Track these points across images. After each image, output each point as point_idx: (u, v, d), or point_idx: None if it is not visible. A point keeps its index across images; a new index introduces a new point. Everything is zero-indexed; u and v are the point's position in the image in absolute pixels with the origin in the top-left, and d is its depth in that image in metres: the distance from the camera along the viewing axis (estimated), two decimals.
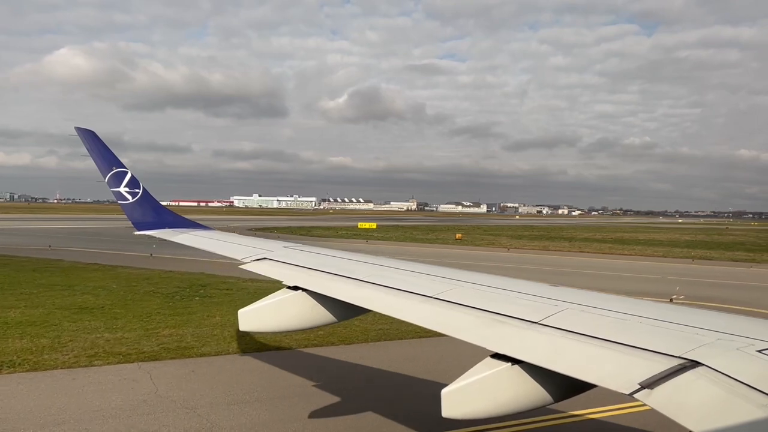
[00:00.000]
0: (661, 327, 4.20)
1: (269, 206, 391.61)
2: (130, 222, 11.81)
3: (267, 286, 27.63)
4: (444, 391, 4.22)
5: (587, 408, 11.62)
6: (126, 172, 11.46)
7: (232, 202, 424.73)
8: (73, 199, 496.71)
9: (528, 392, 4.22)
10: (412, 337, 18.03)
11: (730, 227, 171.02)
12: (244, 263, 8.17)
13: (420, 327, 5.24)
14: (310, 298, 6.43)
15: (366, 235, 76.02)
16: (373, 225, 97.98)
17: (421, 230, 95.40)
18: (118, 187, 11.39)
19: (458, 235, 72.83)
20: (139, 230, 11.65)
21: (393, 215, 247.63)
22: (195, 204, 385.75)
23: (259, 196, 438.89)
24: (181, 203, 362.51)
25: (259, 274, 7.63)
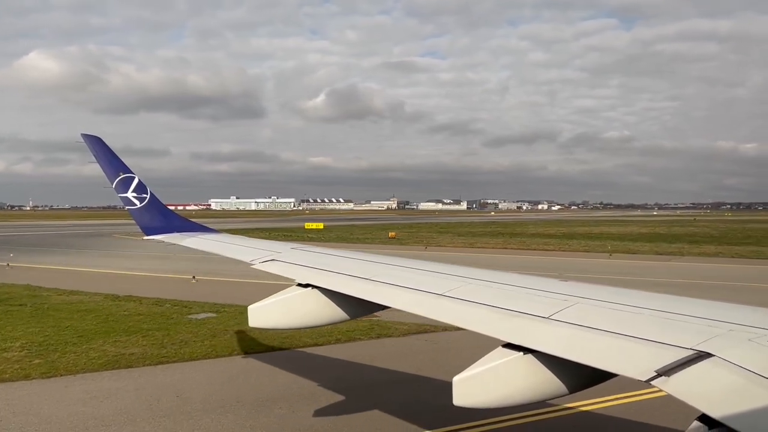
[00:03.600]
0: (673, 319, 4.23)
1: (247, 208, 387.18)
2: (138, 227, 11.58)
3: (73, 299, 24.35)
4: (455, 379, 4.16)
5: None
6: (133, 178, 11.37)
7: (210, 204, 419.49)
8: (51, 206, 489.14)
9: (542, 382, 4.19)
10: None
11: (698, 218, 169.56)
12: (252, 265, 8.27)
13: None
14: (322, 295, 6.44)
15: (301, 236, 72.94)
16: (321, 225, 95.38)
17: (369, 229, 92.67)
18: (126, 192, 11.28)
19: (391, 234, 70.60)
20: (148, 235, 11.52)
21: (371, 214, 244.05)
22: (172, 208, 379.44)
23: (237, 198, 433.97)
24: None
25: (271, 273, 7.71)
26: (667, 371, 3.42)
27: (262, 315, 6.45)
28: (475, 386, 4.21)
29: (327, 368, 14.77)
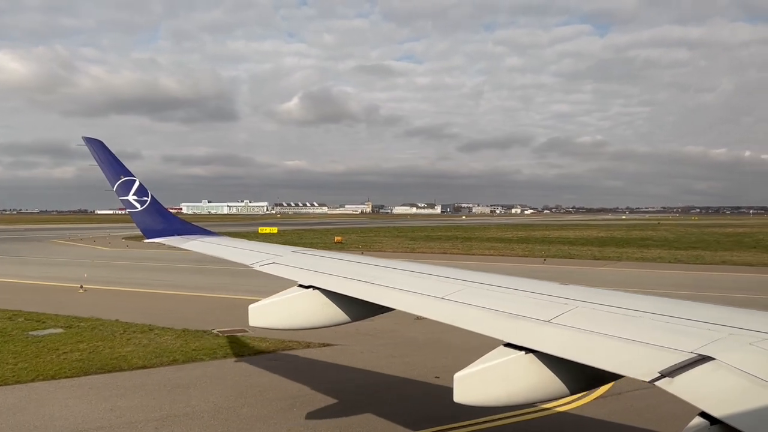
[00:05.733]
0: (673, 323, 4.23)
1: (219, 212, 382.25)
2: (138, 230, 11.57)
3: None
4: (457, 376, 4.18)
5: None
6: (134, 181, 11.30)
7: (181, 208, 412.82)
8: (19, 210, 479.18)
9: (543, 382, 4.19)
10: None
11: (662, 222, 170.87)
12: (253, 268, 8.28)
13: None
14: (324, 296, 6.50)
15: (251, 240, 70.70)
16: (275, 230, 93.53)
17: (321, 234, 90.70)
18: (127, 195, 11.22)
19: (337, 239, 69.07)
20: (149, 238, 11.44)
21: (343, 218, 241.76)
22: None
23: (209, 201, 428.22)
24: (128, 211, 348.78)
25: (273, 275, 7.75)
26: (671, 372, 3.47)
27: (263, 314, 6.43)
28: (476, 384, 4.21)
29: (125, 398, 12.80)
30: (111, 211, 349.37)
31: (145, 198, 11.40)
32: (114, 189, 11.21)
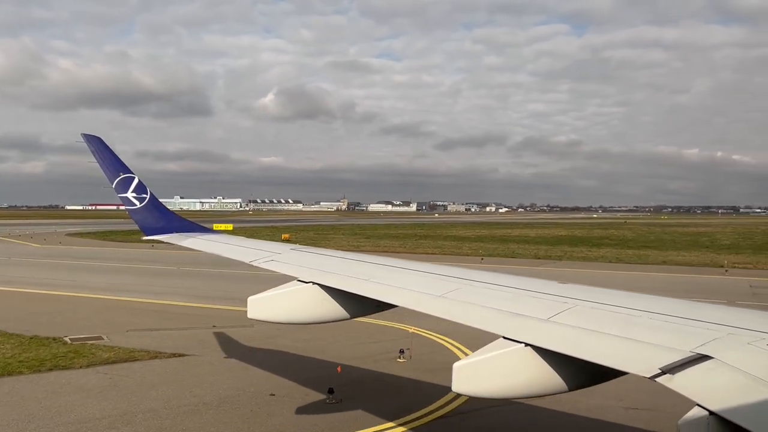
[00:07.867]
0: (671, 322, 4.26)
1: (191, 208, 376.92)
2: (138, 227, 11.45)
3: None
4: (456, 365, 4.19)
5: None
6: (133, 178, 11.20)
7: None
8: None
9: (541, 376, 4.23)
10: None
11: (628, 221, 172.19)
12: (252, 265, 8.37)
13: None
14: (323, 291, 6.55)
15: None
16: (230, 227, 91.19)
17: (275, 230, 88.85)
18: (125, 192, 11.13)
19: (285, 236, 68.10)
20: (148, 235, 11.36)
21: (315, 216, 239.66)
22: (114, 207, 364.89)
23: (181, 198, 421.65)
24: (99, 207, 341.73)
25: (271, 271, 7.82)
26: (671, 369, 3.53)
27: (261, 307, 6.42)
28: (475, 374, 4.25)
29: None
30: (81, 207, 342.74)
31: (144, 195, 11.28)
32: (113, 186, 11.09)
